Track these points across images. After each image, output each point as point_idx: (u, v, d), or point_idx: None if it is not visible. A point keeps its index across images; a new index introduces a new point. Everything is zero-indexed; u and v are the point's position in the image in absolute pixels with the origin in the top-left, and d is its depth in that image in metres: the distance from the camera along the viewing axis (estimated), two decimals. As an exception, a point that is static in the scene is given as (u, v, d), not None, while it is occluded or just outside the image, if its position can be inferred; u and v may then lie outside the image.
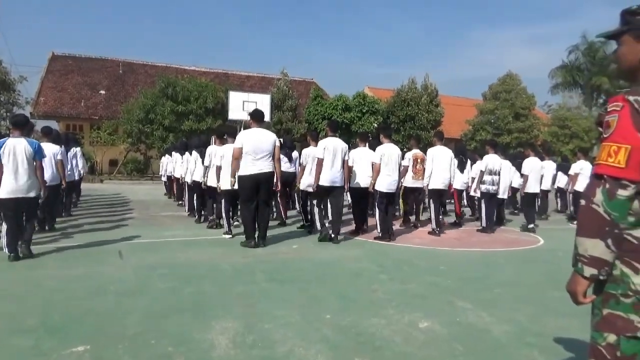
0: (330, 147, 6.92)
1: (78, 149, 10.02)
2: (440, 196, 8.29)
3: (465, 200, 10.86)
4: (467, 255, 6.69)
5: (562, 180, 11.88)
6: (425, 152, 8.52)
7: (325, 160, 6.84)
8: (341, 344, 3.20)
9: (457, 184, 9.27)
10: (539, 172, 9.38)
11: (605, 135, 1.58)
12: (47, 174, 6.70)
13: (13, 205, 5.34)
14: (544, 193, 11.07)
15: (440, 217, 8.51)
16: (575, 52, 30.89)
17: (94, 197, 13.77)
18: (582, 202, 1.60)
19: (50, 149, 7.18)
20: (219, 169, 7.31)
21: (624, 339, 1.57)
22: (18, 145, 5.38)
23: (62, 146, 7.91)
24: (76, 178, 9.86)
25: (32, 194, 5.46)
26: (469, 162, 9.72)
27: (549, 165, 11.03)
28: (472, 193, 9.61)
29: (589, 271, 1.58)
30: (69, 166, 8.74)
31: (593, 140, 26.44)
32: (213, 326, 3.44)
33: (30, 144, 5.45)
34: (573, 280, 1.66)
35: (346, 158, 7.12)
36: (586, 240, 1.57)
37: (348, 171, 7.26)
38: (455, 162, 9.17)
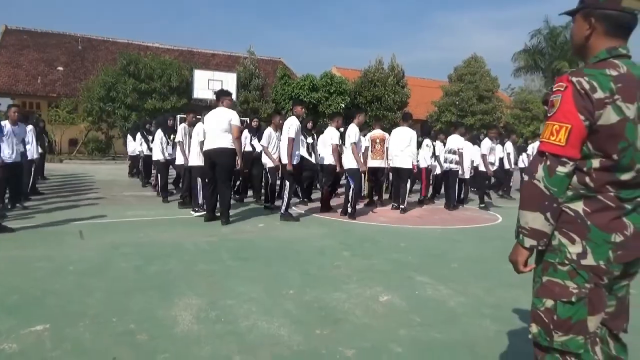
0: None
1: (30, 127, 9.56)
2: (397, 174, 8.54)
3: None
4: (428, 232, 6.89)
5: (524, 161, 12.31)
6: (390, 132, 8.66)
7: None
8: (303, 318, 3.29)
9: (423, 164, 9.45)
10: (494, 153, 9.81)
11: (549, 115, 1.68)
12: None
13: None
14: (507, 172, 11.49)
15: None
16: (537, 37, 31.50)
17: (54, 177, 13.34)
18: (525, 177, 1.70)
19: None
20: (201, 144, 7.17)
21: (560, 304, 1.69)
22: None
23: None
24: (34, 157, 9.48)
25: None
26: (434, 142, 9.91)
27: (508, 146, 11.45)
28: (435, 172, 9.85)
29: (529, 242, 1.69)
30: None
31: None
32: (176, 303, 3.47)
33: None
34: (515, 250, 1.77)
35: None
36: (528, 213, 1.68)
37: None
38: (427, 142, 9.43)
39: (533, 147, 11.07)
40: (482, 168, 9.51)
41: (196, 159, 7.27)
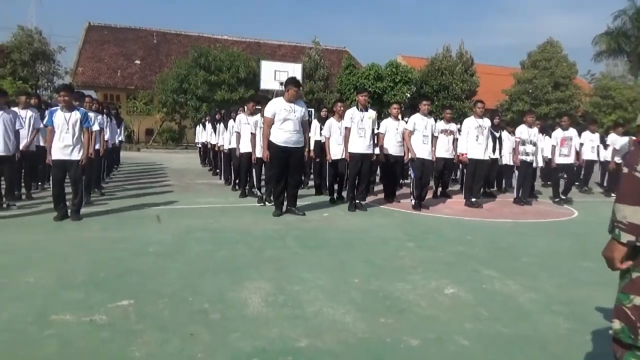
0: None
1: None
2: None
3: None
4: (497, 225, 6.68)
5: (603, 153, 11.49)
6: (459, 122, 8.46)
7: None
8: (368, 306, 3.33)
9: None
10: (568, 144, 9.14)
11: None
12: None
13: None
14: (588, 164, 10.81)
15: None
16: (621, 18, 29.14)
17: (132, 164, 14.28)
18: (625, 169, 1.61)
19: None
20: (253, 136, 7.46)
21: None
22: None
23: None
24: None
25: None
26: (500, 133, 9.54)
27: (590, 137, 10.74)
28: (507, 162, 9.48)
29: (626, 237, 1.60)
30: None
31: (637, 111, 25.28)
32: (246, 286, 3.63)
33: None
34: (610, 246, 1.68)
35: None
36: (626, 207, 1.58)
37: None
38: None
39: (612, 139, 10.28)
40: (559, 160, 8.96)
41: (247, 146, 7.71)
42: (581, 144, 10.18)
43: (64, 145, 5.72)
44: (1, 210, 6.36)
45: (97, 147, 7.60)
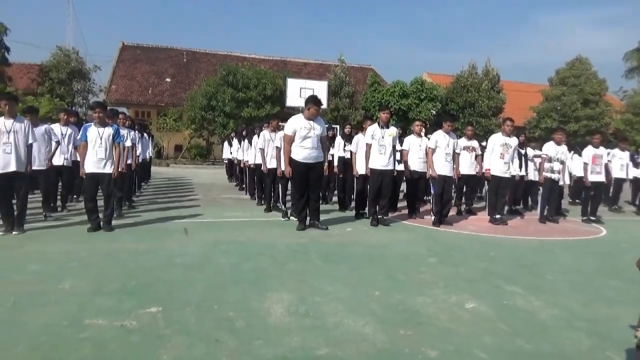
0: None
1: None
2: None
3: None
4: (522, 242, 6.63)
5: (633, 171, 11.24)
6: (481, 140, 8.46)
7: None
8: (388, 318, 3.39)
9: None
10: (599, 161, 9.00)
11: None
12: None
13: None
14: (618, 182, 10.59)
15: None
16: (654, 33, 28.58)
17: (161, 179, 14.68)
18: None
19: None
20: (278, 150, 7.62)
21: None
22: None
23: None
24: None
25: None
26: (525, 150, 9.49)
27: (620, 154, 10.54)
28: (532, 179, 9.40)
29: None
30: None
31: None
32: (269, 297, 3.74)
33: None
34: None
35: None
36: None
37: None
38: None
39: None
40: (593, 178, 8.83)
41: (273, 162, 7.96)
42: (608, 162, 10.02)
43: (97, 159, 6.01)
44: (39, 221, 6.66)
45: (129, 161, 7.91)
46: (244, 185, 11.69)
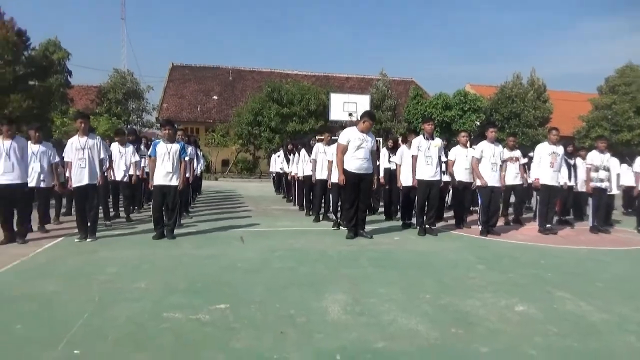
0: None
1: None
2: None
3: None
4: (572, 251, 6.60)
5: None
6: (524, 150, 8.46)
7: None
8: (439, 318, 3.58)
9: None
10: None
11: None
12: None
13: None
14: None
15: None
16: None
17: (212, 192, 15.33)
18: None
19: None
20: (330, 163, 7.94)
21: None
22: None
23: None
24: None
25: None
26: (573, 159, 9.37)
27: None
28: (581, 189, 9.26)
29: None
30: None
31: None
32: (326, 298, 4.00)
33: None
34: None
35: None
36: None
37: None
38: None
39: None
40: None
41: (323, 174, 8.31)
42: None
43: (165, 173, 6.51)
44: (108, 230, 7.25)
45: (187, 175, 8.43)
46: (292, 197, 12.08)
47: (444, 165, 8.07)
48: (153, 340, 3.05)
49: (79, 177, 6.38)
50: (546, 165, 7.92)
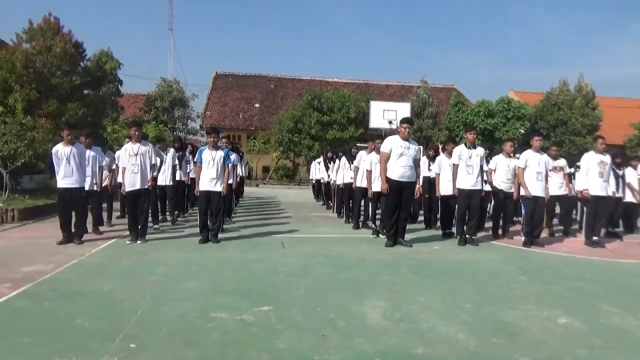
0: None
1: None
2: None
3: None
4: (620, 265, 6.39)
5: None
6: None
7: None
8: (479, 327, 3.59)
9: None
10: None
11: None
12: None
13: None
14: None
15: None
16: None
17: (253, 198, 15.68)
18: None
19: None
20: (369, 173, 8.03)
21: None
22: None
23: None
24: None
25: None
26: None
27: None
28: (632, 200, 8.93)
29: None
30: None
31: None
32: (365, 303, 4.08)
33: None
34: None
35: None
36: None
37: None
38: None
39: None
40: None
41: (364, 182, 8.33)
42: None
43: (210, 179, 6.77)
44: (157, 233, 7.60)
45: (230, 181, 8.71)
46: (331, 204, 12.20)
47: (485, 175, 7.97)
48: (201, 338, 3.23)
49: (132, 182, 6.72)
50: (594, 175, 7.69)
